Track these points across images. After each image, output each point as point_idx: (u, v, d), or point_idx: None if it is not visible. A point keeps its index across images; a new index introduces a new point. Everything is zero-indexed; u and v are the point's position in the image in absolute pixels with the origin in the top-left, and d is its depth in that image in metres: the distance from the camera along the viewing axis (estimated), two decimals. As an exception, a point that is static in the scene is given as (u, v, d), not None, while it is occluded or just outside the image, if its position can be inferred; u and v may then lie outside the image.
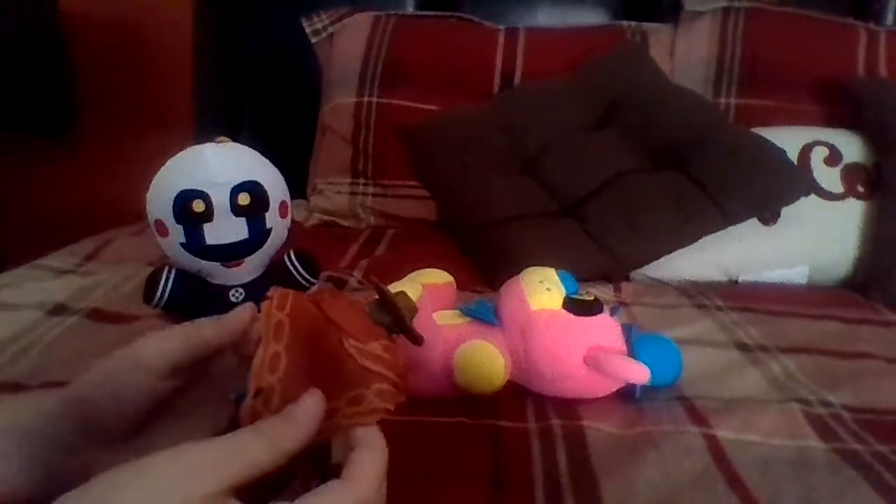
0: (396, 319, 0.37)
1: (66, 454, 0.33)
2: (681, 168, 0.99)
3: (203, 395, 0.37)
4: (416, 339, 0.38)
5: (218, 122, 1.41)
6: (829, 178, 1.01)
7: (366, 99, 1.25)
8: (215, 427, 0.36)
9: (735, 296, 0.85)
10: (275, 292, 0.35)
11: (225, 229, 0.56)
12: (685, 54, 1.27)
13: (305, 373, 0.33)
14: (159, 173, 0.57)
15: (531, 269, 0.62)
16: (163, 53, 1.63)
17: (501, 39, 1.28)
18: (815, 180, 1.00)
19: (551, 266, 0.62)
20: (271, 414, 0.31)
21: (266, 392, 0.31)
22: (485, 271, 0.92)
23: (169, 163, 0.57)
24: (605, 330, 0.58)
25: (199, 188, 0.55)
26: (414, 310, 0.39)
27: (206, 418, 0.37)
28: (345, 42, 1.31)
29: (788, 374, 0.63)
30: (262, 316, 0.34)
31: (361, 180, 1.24)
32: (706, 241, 0.94)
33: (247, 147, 0.60)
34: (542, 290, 0.58)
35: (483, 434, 0.52)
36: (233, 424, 0.31)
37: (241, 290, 0.60)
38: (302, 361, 0.33)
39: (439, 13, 1.33)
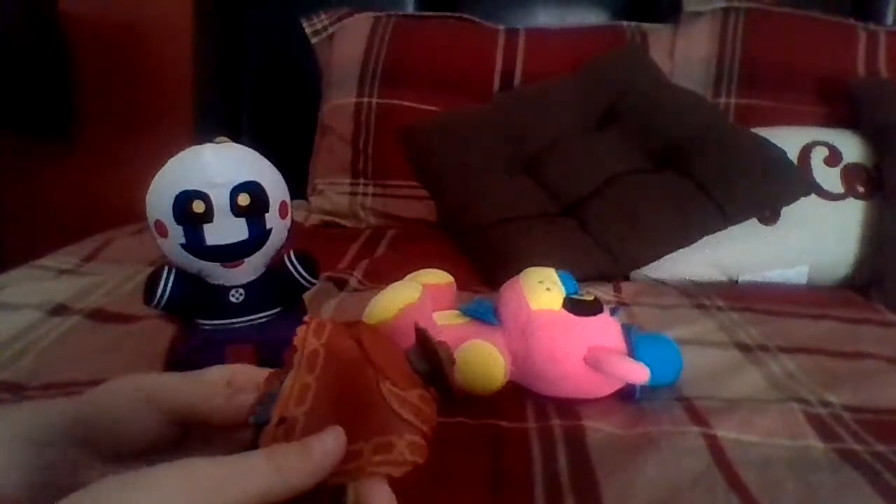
0: (438, 371, 0.36)
1: (69, 469, 0.32)
2: (681, 168, 0.99)
3: (215, 435, 0.36)
4: (452, 395, 0.37)
5: (218, 122, 1.41)
6: (829, 178, 1.01)
7: (366, 99, 1.25)
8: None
9: (735, 296, 0.84)
10: (312, 319, 0.34)
11: (225, 230, 0.56)
12: (685, 54, 1.27)
13: (333, 408, 0.31)
14: (159, 174, 0.57)
15: (531, 269, 0.62)
16: (163, 54, 1.63)
17: (501, 40, 1.28)
18: (815, 180, 1.00)
19: (551, 266, 0.62)
20: None
21: (289, 423, 0.30)
22: (484, 271, 0.92)
23: (168, 163, 0.57)
24: (605, 330, 0.58)
25: (198, 189, 0.55)
26: (453, 362, 0.37)
27: (220, 448, 0.35)
28: (345, 42, 1.31)
29: (788, 374, 0.63)
30: (298, 342, 0.33)
31: (361, 180, 1.24)
32: (706, 241, 0.94)
33: (247, 147, 0.60)
34: (542, 290, 0.58)
35: (483, 434, 0.52)
36: (249, 449, 0.30)
37: (241, 290, 0.60)
38: (331, 396, 0.32)
39: (439, 13, 1.33)
